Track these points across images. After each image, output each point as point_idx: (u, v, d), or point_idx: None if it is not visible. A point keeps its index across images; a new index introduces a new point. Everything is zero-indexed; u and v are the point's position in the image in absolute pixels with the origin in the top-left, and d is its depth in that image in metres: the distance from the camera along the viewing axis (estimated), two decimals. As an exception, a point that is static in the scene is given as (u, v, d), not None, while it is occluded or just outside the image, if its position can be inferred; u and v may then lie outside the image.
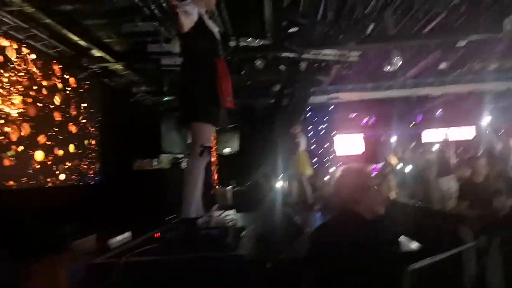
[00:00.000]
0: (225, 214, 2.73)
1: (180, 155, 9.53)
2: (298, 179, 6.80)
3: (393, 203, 5.58)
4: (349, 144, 16.36)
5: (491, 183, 4.79)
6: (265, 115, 11.49)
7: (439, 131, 15.34)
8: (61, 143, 6.86)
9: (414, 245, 3.34)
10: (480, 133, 15.06)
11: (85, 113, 7.63)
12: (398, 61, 8.04)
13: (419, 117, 15.33)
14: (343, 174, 1.87)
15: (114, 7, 5.47)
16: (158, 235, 2.14)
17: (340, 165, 2.09)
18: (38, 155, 6.22)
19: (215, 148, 12.30)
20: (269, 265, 2.22)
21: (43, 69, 6.55)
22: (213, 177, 10.76)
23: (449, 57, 8.74)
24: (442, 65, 9.05)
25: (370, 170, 1.89)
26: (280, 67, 9.48)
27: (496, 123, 9.45)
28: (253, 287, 1.93)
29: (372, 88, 10.79)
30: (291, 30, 7.49)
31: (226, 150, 13.18)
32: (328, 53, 8.65)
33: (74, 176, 6.98)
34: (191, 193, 2.49)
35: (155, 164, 7.38)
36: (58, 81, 7.01)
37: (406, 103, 14.19)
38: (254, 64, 8.64)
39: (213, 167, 11.25)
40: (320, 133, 13.11)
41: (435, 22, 7.66)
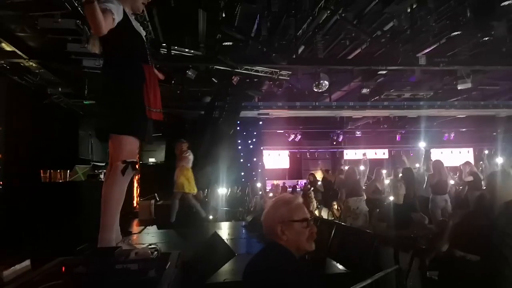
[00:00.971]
0: (146, 245, 2.45)
1: (101, 163, 8.81)
2: (182, 197, 6.46)
3: (315, 221, 5.73)
4: (276, 158, 16.74)
5: (409, 204, 5.13)
6: (194, 127, 11.24)
7: (358, 151, 16.41)
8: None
9: (339, 268, 3.40)
10: (394, 155, 16.39)
11: (-13, 113, 6.69)
12: (324, 83, 8.40)
13: (341, 136, 16.24)
14: (271, 206, 1.79)
15: (31, -2, 4.91)
16: (64, 269, 1.80)
17: (271, 192, 1.99)
18: None
19: (138, 157, 11.67)
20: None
21: None
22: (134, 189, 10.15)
23: (370, 83, 9.37)
24: (364, 90, 9.67)
25: (299, 204, 1.82)
26: (212, 79, 9.38)
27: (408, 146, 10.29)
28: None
29: (300, 107, 11.15)
30: (225, 43, 7.43)
31: (150, 160, 12.59)
32: (260, 70, 8.76)
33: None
34: (110, 219, 2.18)
35: (79, 175, 6.59)
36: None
37: (329, 122, 14.98)
38: (186, 74, 8.42)
39: (135, 177, 10.62)
40: (249, 146, 13.18)
41: (360, 50, 8.21)
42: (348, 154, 16.57)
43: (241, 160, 12.43)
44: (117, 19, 2.17)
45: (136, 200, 9.85)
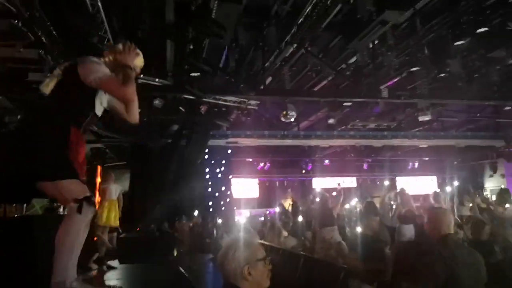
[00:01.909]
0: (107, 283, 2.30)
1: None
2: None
3: (282, 253, 5.63)
4: (245, 187, 16.62)
5: (379, 235, 5.16)
6: (160, 155, 11.03)
7: (326, 179, 16.61)
8: None
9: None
10: (361, 183, 16.68)
11: None
12: (292, 113, 8.54)
13: (310, 165, 16.43)
14: (229, 249, 1.74)
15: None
16: None
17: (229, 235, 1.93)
18: None
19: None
20: None
21: None
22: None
23: (336, 114, 9.63)
24: (330, 120, 9.91)
25: (257, 242, 1.82)
26: (180, 108, 9.32)
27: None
28: None
29: (268, 136, 11.25)
30: (193, 74, 7.46)
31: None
32: (229, 99, 8.81)
33: None
34: (66, 262, 2.05)
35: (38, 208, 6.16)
36: None
37: (298, 151, 15.15)
38: (152, 103, 8.32)
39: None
40: (217, 175, 13.05)
41: (325, 81, 8.46)
42: (317, 183, 16.73)
43: (209, 190, 12.27)
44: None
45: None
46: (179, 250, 7.73)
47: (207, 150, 11.63)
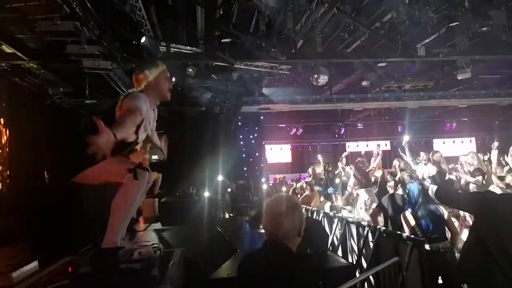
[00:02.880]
0: (150, 242, 2.48)
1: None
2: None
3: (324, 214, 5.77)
4: (278, 152, 16.77)
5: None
6: (195, 123, 11.27)
7: (360, 143, 16.41)
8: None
9: (341, 262, 3.45)
10: (396, 147, 16.35)
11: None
12: (324, 76, 8.40)
13: (342, 129, 16.24)
14: (286, 207, 1.77)
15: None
16: (71, 269, 1.85)
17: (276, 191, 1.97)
18: None
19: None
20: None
21: None
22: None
23: (370, 75, 9.37)
24: (364, 83, 9.67)
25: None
26: (212, 75, 9.40)
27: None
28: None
29: (301, 100, 11.16)
30: (223, 40, 7.44)
31: (153, 157, 12.63)
32: (260, 65, 8.77)
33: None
34: (118, 223, 2.19)
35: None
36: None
37: (331, 115, 14.98)
38: (185, 71, 8.44)
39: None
40: (251, 141, 13.23)
41: (358, 42, 8.19)
42: (350, 147, 16.57)
43: (243, 155, 12.49)
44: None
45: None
46: (217, 213, 8.03)
47: (240, 117, 11.75)
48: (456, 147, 16.34)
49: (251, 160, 12.77)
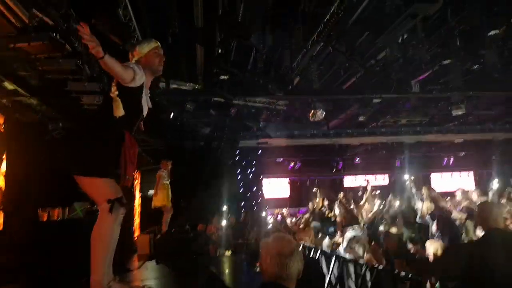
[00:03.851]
0: (142, 283, 2.43)
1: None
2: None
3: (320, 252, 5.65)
4: (276, 187, 16.67)
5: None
6: (193, 157, 11.28)
7: (358, 177, 16.38)
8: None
9: None
10: (394, 181, 16.31)
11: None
12: (321, 112, 8.51)
13: (340, 163, 16.24)
14: (296, 248, 1.73)
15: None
16: None
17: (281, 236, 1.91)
18: None
19: (139, 189, 11.63)
20: None
21: None
22: (134, 222, 10.07)
23: (366, 111, 9.50)
24: (361, 118, 9.78)
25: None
26: (211, 111, 9.51)
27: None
28: None
29: (298, 135, 11.25)
30: (222, 77, 7.61)
31: (150, 192, 12.51)
32: (258, 100, 8.91)
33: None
34: (100, 261, 2.19)
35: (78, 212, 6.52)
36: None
37: (328, 150, 15.03)
38: (184, 106, 8.55)
39: (135, 210, 10.56)
40: (248, 176, 13.18)
41: (354, 79, 8.38)
42: (348, 181, 16.53)
43: (240, 190, 12.40)
44: (138, 80, 2.37)
45: (136, 233, 9.75)
46: (212, 250, 7.88)
47: (238, 151, 11.77)
48: (454, 181, 16.30)
49: (248, 194, 12.67)
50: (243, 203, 12.38)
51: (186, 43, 6.82)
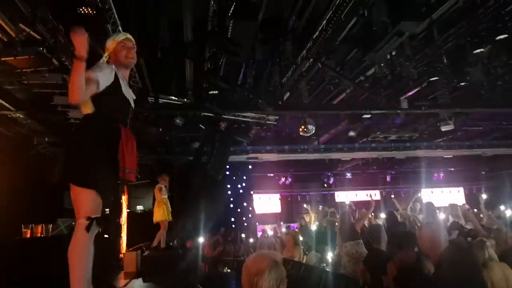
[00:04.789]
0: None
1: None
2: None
3: (308, 268, 5.55)
4: (267, 202, 16.55)
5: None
6: (182, 172, 11.17)
7: (349, 193, 16.37)
8: None
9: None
10: (385, 196, 16.34)
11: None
12: (311, 127, 8.51)
13: (331, 179, 16.24)
14: (268, 265, 1.69)
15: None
16: None
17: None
18: None
19: (126, 205, 11.45)
20: None
21: None
22: (120, 239, 9.87)
23: (356, 126, 9.55)
24: (351, 133, 9.82)
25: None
26: (200, 125, 9.47)
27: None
28: None
29: (289, 150, 11.24)
30: (211, 92, 7.59)
31: (138, 208, 12.34)
32: (248, 115, 8.89)
33: None
34: (78, 281, 2.11)
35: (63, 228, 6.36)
36: None
37: (319, 165, 15.03)
38: (174, 121, 8.50)
39: (122, 227, 10.37)
40: (239, 191, 13.07)
41: (344, 94, 8.42)
42: (339, 196, 16.49)
43: (230, 206, 12.28)
44: (103, 85, 2.32)
45: (123, 251, 9.55)
46: (201, 267, 7.73)
47: (228, 166, 11.69)
48: (444, 196, 16.36)
49: (238, 210, 12.55)
50: (233, 219, 12.26)
51: (175, 57, 6.80)
